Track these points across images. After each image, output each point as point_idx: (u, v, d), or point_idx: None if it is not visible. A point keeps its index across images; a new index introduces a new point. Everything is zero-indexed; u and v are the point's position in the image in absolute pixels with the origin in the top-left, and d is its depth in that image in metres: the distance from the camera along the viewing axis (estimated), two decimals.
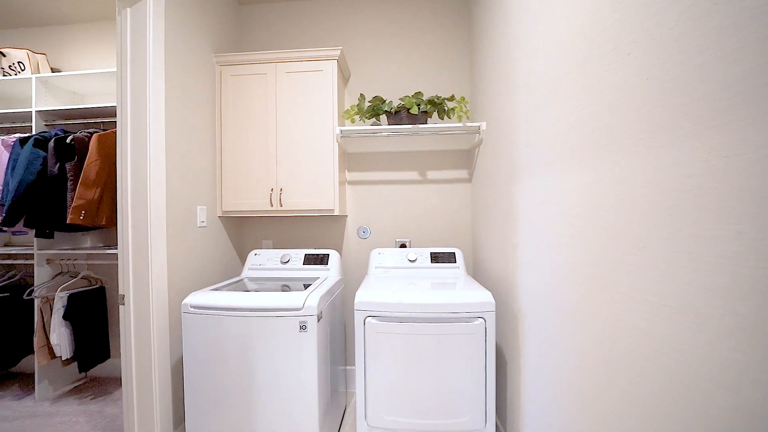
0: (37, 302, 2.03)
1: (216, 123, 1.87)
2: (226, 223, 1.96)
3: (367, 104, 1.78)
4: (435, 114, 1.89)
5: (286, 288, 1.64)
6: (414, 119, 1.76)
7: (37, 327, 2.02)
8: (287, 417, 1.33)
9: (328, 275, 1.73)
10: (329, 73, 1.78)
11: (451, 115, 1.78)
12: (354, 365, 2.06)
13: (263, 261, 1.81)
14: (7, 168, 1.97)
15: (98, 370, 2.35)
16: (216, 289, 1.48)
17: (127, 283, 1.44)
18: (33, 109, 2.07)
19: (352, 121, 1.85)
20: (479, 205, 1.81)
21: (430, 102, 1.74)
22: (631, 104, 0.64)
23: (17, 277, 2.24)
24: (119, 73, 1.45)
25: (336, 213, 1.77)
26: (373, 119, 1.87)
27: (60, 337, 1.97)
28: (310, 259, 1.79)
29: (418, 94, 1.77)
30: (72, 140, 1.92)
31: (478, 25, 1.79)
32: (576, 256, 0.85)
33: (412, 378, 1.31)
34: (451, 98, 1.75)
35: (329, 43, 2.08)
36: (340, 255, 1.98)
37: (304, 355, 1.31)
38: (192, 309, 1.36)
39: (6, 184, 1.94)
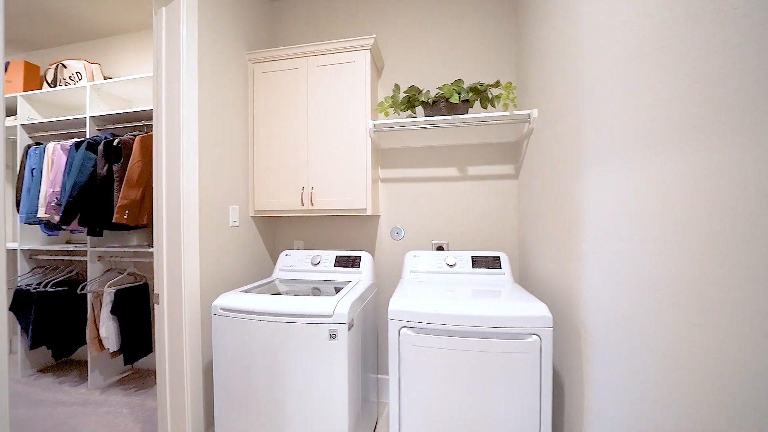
0: (89, 296, 2.15)
1: (248, 122, 1.84)
2: (258, 223, 1.93)
3: (402, 95, 1.65)
4: (477, 104, 1.72)
5: (316, 291, 1.56)
6: (454, 109, 1.60)
7: (89, 320, 2.14)
8: (316, 427, 1.24)
9: (359, 279, 1.63)
10: (362, 64, 1.67)
11: (496, 104, 1.60)
12: (386, 374, 1.95)
13: (294, 262, 1.75)
14: (64, 171, 2.11)
15: (142, 363, 2.45)
16: (246, 291, 1.43)
17: (162, 283, 1.44)
18: (87, 115, 2.20)
19: (386, 115, 1.73)
20: (528, 204, 1.61)
21: (472, 89, 1.57)
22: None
23: (74, 272, 2.40)
24: (155, 73, 1.46)
25: (368, 213, 1.67)
26: (408, 112, 1.74)
27: (108, 330, 2.07)
28: (341, 261, 1.70)
29: (458, 81, 1.60)
30: (118, 143, 2.01)
31: (526, 3, 1.59)
32: (677, 267, 0.65)
33: (452, 397, 1.16)
34: (496, 84, 1.56)
35: (362, 33, 1.98)
36: (373, 257, 1.87)
37: (334, 364, 1.21)
38: (221, 311, 1.32)
39: (63, 185, 2.07)
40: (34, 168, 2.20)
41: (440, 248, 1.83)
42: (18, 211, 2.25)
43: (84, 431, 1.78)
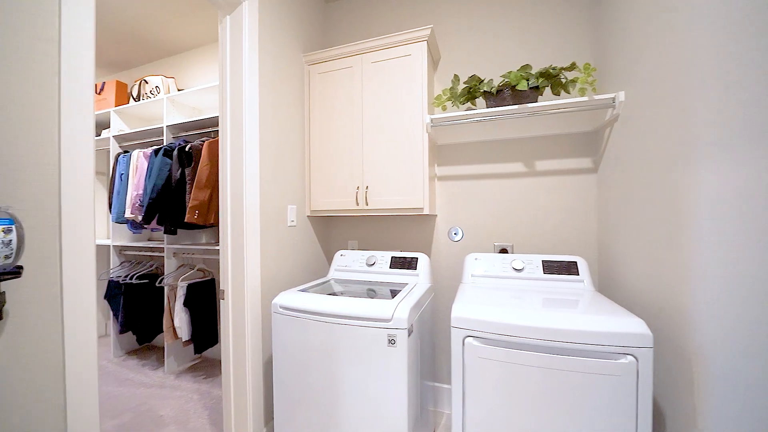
0: (166, 289, 2.37)
1: (305, 123, 1.87)
2: (314, 223, 1.95)
3: (461, 86, 1.54)
4: (547, 91, 1.55)
5: (371, 293, 1.52)
6: (520, 98, 1.45)
7: (165, 310, 2.35)
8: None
9: (417, 282, 1.55)
10: (418, 57, 1.60)
11: (570, 89, 1.42)
12: (442, 382, 1.85)
13: (349, 262, 1.73)
14: (146, 175, 2.34)
15: (209, 352, 2.64)
16: (303, 290, 1.44)
17: (227, 279, 1.50)
18: (164, 125, 2.42)
19: (443, 109, 1.63)
20: (612, 202, 1.40)
21: (543, 75, 1.41)
22: None
23: (154, 267, 2.66)
24: (220, 80, 1.53)
25: (425, 212, 1.58)
26: (468, 104, 1.62)
27: (180, 320, 2.25)
28: (396, 263, 1.64)
29: (526, 67, 1.45)
30: (189, 148, 2.17)
31: None
32: None
33: (523, 418, 1.03)
34: (571, 67, 1.38)
35: (417, 24, 1.91)
36: (429, 259, 1.78)
37: (392, 371, 1.15)
38: (281, 309, 1.34)
39: (145, 188, 2.30)
40: (122, 173, 2.47)
41: (504, 251, 1.68)
42: (110, 211, 2.55)
43: (161, 411, 1.94)
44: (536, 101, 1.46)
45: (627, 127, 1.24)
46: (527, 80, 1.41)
